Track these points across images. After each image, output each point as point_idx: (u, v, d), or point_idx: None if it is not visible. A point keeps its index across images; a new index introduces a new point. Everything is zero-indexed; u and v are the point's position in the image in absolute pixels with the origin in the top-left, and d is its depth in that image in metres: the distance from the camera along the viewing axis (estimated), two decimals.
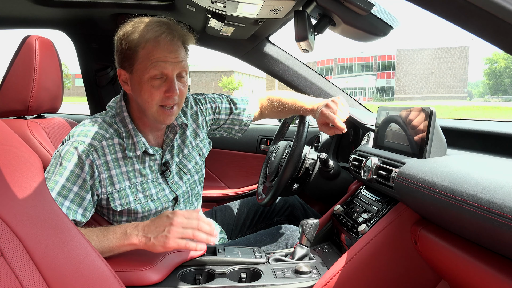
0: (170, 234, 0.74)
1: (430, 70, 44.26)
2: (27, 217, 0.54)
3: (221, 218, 1.30)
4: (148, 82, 0.85)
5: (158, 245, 0.75)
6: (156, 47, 0.84)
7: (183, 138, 1.04)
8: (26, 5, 1.39)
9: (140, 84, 0.86)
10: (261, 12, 1.14)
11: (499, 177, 0.61)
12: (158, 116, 0.88)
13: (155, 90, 0.86)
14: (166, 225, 0.75)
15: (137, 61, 0.86)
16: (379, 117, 1.04)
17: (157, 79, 0.85)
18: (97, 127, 0.89)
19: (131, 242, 0.76)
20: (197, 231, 0.75)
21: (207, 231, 0.77)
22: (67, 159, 0.84)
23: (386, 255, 0.86)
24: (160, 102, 0.87)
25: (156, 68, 0.84)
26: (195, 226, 0.76)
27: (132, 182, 0.91)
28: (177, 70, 0.87)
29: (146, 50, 0.84)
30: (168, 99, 0.87)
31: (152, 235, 0.75)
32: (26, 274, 0.51)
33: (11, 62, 1.09)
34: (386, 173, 0.89)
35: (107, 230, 0.79)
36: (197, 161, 1.06)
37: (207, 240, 0.76)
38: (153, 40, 0.84)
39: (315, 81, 1.59)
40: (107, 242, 0.77)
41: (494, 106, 25.99)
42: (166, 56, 0.85)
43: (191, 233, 0.75)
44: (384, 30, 0.94)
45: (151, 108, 0.87)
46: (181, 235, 0.74)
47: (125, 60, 0.88)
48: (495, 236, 0.57)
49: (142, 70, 0.85)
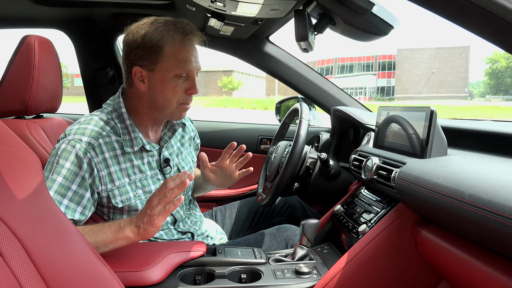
0: (151, 211, 0.75)
1: (431, 69, 44.22)
2: (26, 217, 0.54)
3: (221, 218, 1.30)
4: (172, 80, 0.89)
5: (148, 228, 0.76)
6: (183, 48, 0.89)
7: (182, 142, 1.08)
8: (25, 5, 1.38)
9: (163, 82, 0.89)
10: (261, 12, 1.14)
11: (500, 177, 0.60)
12: (177, 112, 0.93)
13: (179, 88, 0.90)
14: (147, 208, 0.77)
15: (162, 60, 0.88)
16: (380, 117, 1.03)
17: (180, 77, 0.90)
18: (94, 125, 0.89)
19: (125, 235, 0.77)
20: (170, 192, 0.75)
21: (176, 183, 0.75)
22: (65, 157, 0.84)
23: (386, 256, 0.85)
24: (181, 100, 0.92)
25: (183, 67, 0.89)
26: (165, 189, 0.75)
27: (132, 179, 0.92)
28: (196, 70, 0.93)
29: (174, 49, 0.88)
30: (189, 98, 0.93)
31: (140, 222, 0.77)
32: (25, 275, 0.51)
33: (10, 62, 1.08)
34: (386, 173, 0.89)
35: (102, 225, 0.80)
36: (191, 166, 1.09)
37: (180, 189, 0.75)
38: (181, 40, 0.89)
39: (315, 81, 1.59)
40: (102, 236, 0.78)
41: (495, 106, 25.98)
42: (191, 57, 0.90)
43: (166, 197, 0.75)
44: (385, 30, 0.94)
45: (172, 106, 0.92)
46: (160, 207, 0.75)
47: (146, 58, 0.89)
48: (496, 236, 0.57)
49: (168, 69, 0.88)
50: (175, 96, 0.90)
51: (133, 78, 0.91)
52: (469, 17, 0.49)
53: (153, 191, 0.94)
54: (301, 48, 0.98)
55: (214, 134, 1.80)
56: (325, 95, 1.58)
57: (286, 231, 1.09)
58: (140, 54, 0.89)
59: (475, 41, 65.23)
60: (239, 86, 46.17)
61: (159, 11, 1.45)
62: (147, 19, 0.91)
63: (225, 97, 36.76)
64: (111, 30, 1.65)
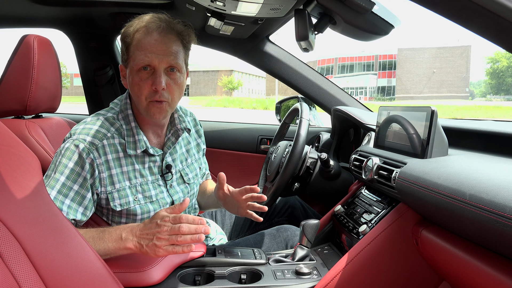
0: (158, 243, 0.73)
1: (432, 69, 44.16)
2: (25, 218, 0.54)
3: (221, 219, 1.29)
4: (137, 74, 0.85)
5: (150, 253, 0.75)
6: (146, 36, 0.84)
7: (187, 148, 1.06)
8: (24, 4, 1.38)
9: (131, 75, 0.87)
10: (261, 11, 1.13)
11: (501, 178, 0.60)
12: (149, 111, 0.87)
13: (143, 83, 0.85)
14: (154, 233, 0.74)
15: (129, 53, 0.86)
16: (380, 116, 1.03)
17: (145, 71, 0.85)
18: (99, 126, 0.89)
19: (127, 247, 0.76)
20: (182, 236, 0.73)
21: (191, 232, 0.73)
22: (68, 157, 0.84)
23: (387, 256, 0.85)
24: (148, 96, 0.86)
25: (142, 58, 0.83)
26: (184, 231, 0.73)
27: (132, 183, 0.91)
28: (165, 64, 0.85)
29: (137, 39, 0.85)
30: (155, 94, 0.85)
31: (144, 242, 0.75)
32: (24, 275, 0.51)
33: (9, 62, 1.08)
34: (387, 173, 0.89)
35: (103, 233, 0.78)
36: (197, 173, 1.08)
37: (193, 241, 0.73)
38: (144, 28, 0.85)
39: (316, 81, 1.58)
40: (103, 245, 0.76)
41: (496, 106, 25.96)
42: (154, 47, 0.84)
43: (176, 238, 0.73)
44: (385, 29, 0.93)
45: (142, 103, 0.87)
46: (168, 242, 0.73)
47: (123, 54, 0.89)
48: (497, 237, 0.56)
49: (133, 61, 0.86)
50: (140, 91, 0.85)
51: (121, 76, 0.92)
52: (470, 16, 0.49)
53: (153, 196, 0.93)
54: (301, 48, 0.98)
55: (214, 134, 1.80)
56: (326, 95, 1.58)
57: (286, 232, 1.09)
58: (122, 52, 0.90)
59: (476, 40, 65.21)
60: (239, 86, 46.15)
61: (158, 10, 1.44)
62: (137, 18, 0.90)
63: (225, 97, 36.75)
64: (110, 29, 1.65)
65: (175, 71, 0.87)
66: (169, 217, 0.74)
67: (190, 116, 1.10)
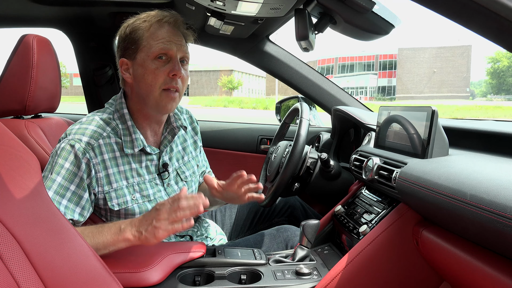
0: (157, 224, 0.74)
1: (432, 69, 44.13)
2: (25, 218, 0.54)
3: (220, 219, 1.29)
4: (152, 62, 0.87)
5: (150, 237, 0.75)
6: (161, 28, 0.88)
7: (184, 146, 1.06)
8: (23, 4, 1.38)
9: (143, 66, 0.87)
10: (261, 11, 1.13)
11: (502, 178, 0.60)
12: (161, 101, 0.88)
13: (159, 71, 0.87)
14: (154, 217, 0.75)
15: (140, 45, 0.88)
16: (381, 116, 1.03)
17: (161, 59, 0.87)
18: (95, 126, 0.89)
19: (126, 237, 0.76)
20: (181, 211, 0.74)
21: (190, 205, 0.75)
22: (64, 157, 0.84)
23: (387, 256, 0.85)
24: (163, 84, 0.87)
25: (161, 47, 0.86)
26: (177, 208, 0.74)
27: (130, 182, 0.91)
28: (181, 53, 0.89)
29: (150, 31, 0.88)
30: (172, 81, 0.88)
31: (143, 228, 0.76)
32: (23, 275, 0.51)
33: (8, 61, 1.08)
34: (387, 174, 0.88)
35: (102, 227, 0.79)
36: (194, 170, 1.08)
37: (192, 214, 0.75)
38: (158, 22, 0.88)
39: (316, 81, 1.58)
40: (102, 238, 0.77)
41: (496, 106, 25.95)
42: (171, 37, 0.88)
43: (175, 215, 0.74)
44: (386, 29, 0.93)
45: (154, 92, 0.88)
46: (167, 221, 0.74)
47: (128, 48, 0.89)
48: (498, 237, 0.56)
49: (147, 52, 0.87)
50: (156, 80, 0.86)
51: (121, 71, 0.92)
52: (470, 16, 0.49)
53: (150, 195, 0.93)
54: (302, 48, 0.98)
55: (214, 134, 1.80)
56: (326, 95, 1.58)
57: (286, 232, 1.08)
58: (124, 46, 0.90)
59: (476, 40, 65.16)
60: (239, 86, 46.14)
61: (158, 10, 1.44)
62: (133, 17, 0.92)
63: (225, 96, 36.75)
64: (110, 29, 1.65)
65: (185, 62, 0.91)
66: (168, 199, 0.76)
67: (186, 114, 1.10)
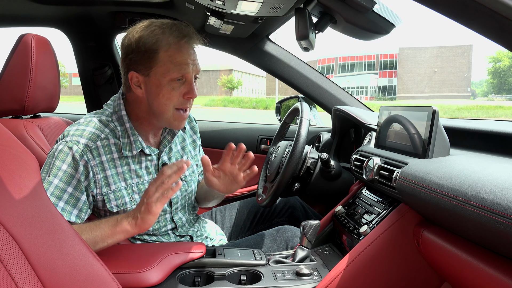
0: (148, 199, 0.76)
1: (433, 69, 44.08)
2: (24, 218, 0.54)
3: (220, 219, 1.29)
4: (168, 84, 0.87)
5: (146, 217, 0.77)
6: (179, 51, 0.86)
7: (183, 145, 1.06)
8: (22, 3, 1.38)
9: (159, 86, 0.87)
10: (261, 10, 1.13)
11: (503, 178, 0.60)
12: (173, 120, 0.90)
13: (175, 92, 0.87)
14: (144, 197, 0.78)
15: (157, 64, 0.86)
16: (381, 116, 1.02)
17: (177, 81, 0.87)
18: (92, 127, 0.89)
19: (123, 228, 0.78)
20: (168, 178, 0.76)
21: (174, 170, 0.77)
22: (61, 159, 0.83)
23: (388, 257, 0.85)
24: (177, 105, 0.89)
25: (179, 71, 0.86)
26: (162, 179, 0.77)
27: (128, 183, 0.91)
28: (195, 73, 0.90)
29: (169, 53, 0.86)
30: (186, 102, 0.89)
31: (137, 212, 0.78)
32: (22, 276, 0.51)
33: (7, 61, 1.08)
34: (388, 174, 0.88)
35: (99, 221, 0.81)
36: (193, 170, 1.07)
37: (178, 175, 0.77)
38: (176, 43, 0.86)
39: (316, 80, 1.58)
40: (100, 231, 0.78)
41: (498, 105, 25.92)
42: (187, 59, 0.87)
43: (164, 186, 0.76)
44: (386, 28, 0.93)
45: (167, 112, 0.89)
46: (158, 194, 0.76)
47: (141, 63, 0.87)
48: (499, 237, 0.56)
49: (163, 73, 0.86)
50: (170, 100, 0.87)
51: (130, 83, 0.89)
52: (471, 15, 0.48)
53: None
54: (302, 47, 0.97)
55: (214, 134, 1.79)
56: (326, 95, 1.57)
57: (286, 232, 1.08)
58: (135, 59, 0.87)
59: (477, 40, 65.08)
60: (238, 85, 46.12)
61: (158, 9, 1.44)
62: (144, 22, 0.89)
63: (224, 96, 36.73)
64: (109, 28, 1.64)
65: (197, 78, 0.92)
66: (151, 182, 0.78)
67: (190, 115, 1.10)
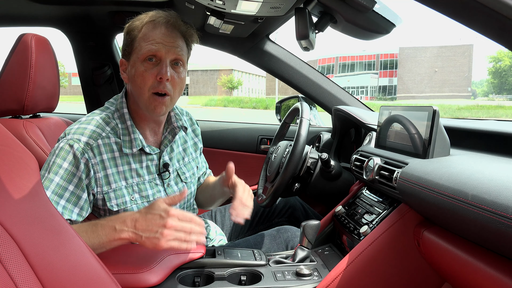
0: (162, 237, 0.72)
1: (433, 68, 44.05)
2: (23, 218, 0.53)
3: (220, 219, 1.29)
4: (141, 65, 0.86)
5: (149, 245, 0.73)
6: (153, 29, 0.87)
7: (184, 147, 1.06)
8: (22, 3, 1.38)
9: (134, 68, 0.87)
10: (261, 10, 1.13)
11: (504, 178, 0.60)
12: (150, 104, 0.87)
13: (148, 73, 0.85)
14: (159, 226, 0.72)
15: (134, 45, 0.88)
16: (382, 116, 1.02)
17: (150, 62, 0.86)
18: (94, 125, 0.88)
19: (122, 237, 0.75)
20: (189, 235, 0.73)
21: (198, 232, 0.75)
22: (62, 157, 0.83)
23: (388, 257, 0.85)
24: (152, 88, 0.86)
25: (149, 48, 0.85)
26: (188, 230, 0.74)
27: (129, 182, 0.91)
28: (171, 55, 0.86)
29: (143, 32, 0.87)
30: (159, 84, 0.86)
31: (143, 234, 0.73)
32: (21, 276, 0.51)
33: (6, 61, 1.08)
34: (388, 174, 0.88)
35: (95, 226, 0.77)
36: (194, 172, 1.07)
37: (198, 241, 0.75)
38: (151, 22, 0.87)
39: (316, 80, 1.58)
40: (97, 239, 0.76)
41: (498, 105, 25.91)
42: (162, 38, 0.86)
43: (184, 236, 0.73)
44: (387, 28, 0.92)
45: (144, 95, 0.87)
46: (173, 237, 0.72)
47: (126, 48, 0.90)
48: (500, 237, 0.56)
49: (137, 53, 0.87)
50: (144, 83, 0.85)
51: (120, 71, 0.93)
52: (472, 15, 0.48)
53: (150, 196, 0.93)
54: (302, 47, 0.97)
55: (214, 134, 1.79)
56: (326, 94, 1.57)
57: (287, 232, 1.08)
58: (123, 46, 0.91)
59: (478, 39, 65.02)
60: (238, 85, 46.11)
61: (157, 9, 1.44)
62: None
63: (224, 96, 36.73)
64: (109, 28, 1.64)
65: (179, 65, 0.89)
66: (171, 210, 0.73)
67: (186, 116, 1.10)
